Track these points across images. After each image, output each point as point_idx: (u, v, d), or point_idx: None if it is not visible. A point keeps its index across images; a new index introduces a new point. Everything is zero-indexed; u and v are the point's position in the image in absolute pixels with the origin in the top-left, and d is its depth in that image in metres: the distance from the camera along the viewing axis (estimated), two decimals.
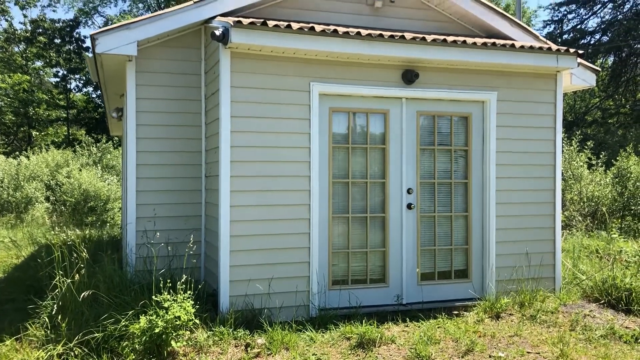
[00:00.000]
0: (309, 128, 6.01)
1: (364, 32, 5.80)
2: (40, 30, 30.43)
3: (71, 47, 31.12)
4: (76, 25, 31.15)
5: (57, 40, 30.84)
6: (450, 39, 6.09)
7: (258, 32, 5.51)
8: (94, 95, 31.98)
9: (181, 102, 6.63)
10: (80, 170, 19.41)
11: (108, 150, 22.94)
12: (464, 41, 6.08)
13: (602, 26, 23.43)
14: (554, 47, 6.47)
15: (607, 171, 14.32)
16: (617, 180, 13.88)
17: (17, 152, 23.41)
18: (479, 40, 6.22)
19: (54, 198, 18.57)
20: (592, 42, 23.51)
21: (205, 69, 6.63)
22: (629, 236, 11.78)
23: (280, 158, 5.92)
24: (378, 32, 5.92)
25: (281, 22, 5.62)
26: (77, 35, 31.26)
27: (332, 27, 5.75)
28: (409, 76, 6.23)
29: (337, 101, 6.20)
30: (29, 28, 30.48)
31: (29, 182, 18.60)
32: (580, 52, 6.51)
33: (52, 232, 13.80)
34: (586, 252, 9.95)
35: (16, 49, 30.28)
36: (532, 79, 6.79)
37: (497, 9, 7.21)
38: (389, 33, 5.93)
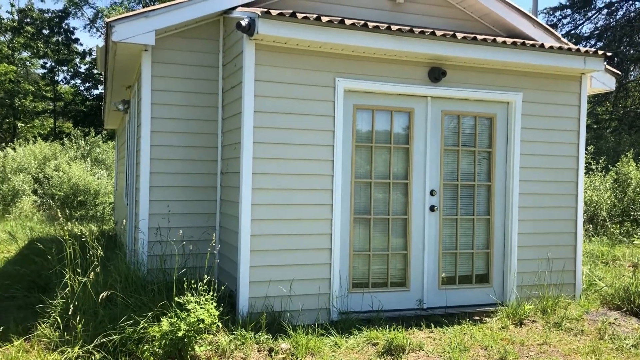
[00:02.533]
0: (333, 125, 5.80)
1: (394, 27, 5.61)
2: (28, 20, 29.82)
3: (60, 38, 30.55)
4: (65, 16, 30.58)
5: (45, 31, 30.24)
6: (480, 37, 5.93)
7: (287, 24, 5.29)
8: (82, 88, 31.44)
9: (197, 95, 6.38)
10: (69, 163, 18.98)
11: (97, 143, 22.50)
12: (494, 39, 5.92)
13: (597, 32, 23.55)
14: (582, 48, 6.34)
15: (606, 176, 14.31)
16: (616, 185, 13.87)
17: (3, 144, 22.84)
18: (508, 40, 6.06)
19: (42, 191, 18.12)
20: (587, 47, 23.58)
21: (224, 62, 6.39)
22: (631, 242, 11.74)
23: (304, 156, 5.70)
24: (408, 27, 5.73)
25: (310, 14, 5.40)
26: (66, 27, 30.72)
27: (361, 21, 5.55)
28: (436, 74, 6.05)
29: (361, 98, 6.00)
30: (17, 18, 29.84)
31: (16, 175, 18.12)
32: (609, 54, 6.38)
33: (50, 226, 13.43)
34: (591, 258, 9.88)
35: (2, 39, 29.62)
36: (557, 81, 6.66)
37: (520, 8, 7.07)
38: (419, 29, 5.74)
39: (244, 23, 5.28)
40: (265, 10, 5.25)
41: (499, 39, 6.00)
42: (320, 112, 5.76)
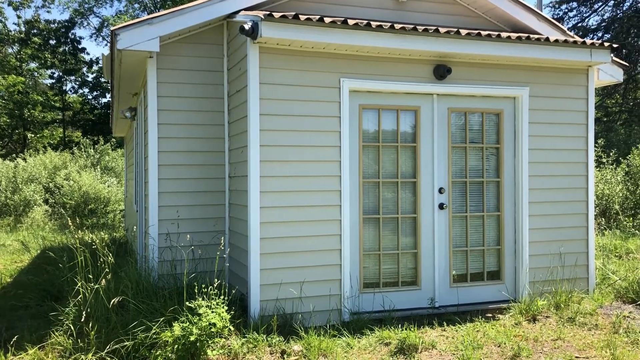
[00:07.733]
0: (339, 126, 5.80)
1: (397, 25, 5.60)
2: (35, 31, 30.04)
3: (66, 48, 30.74)
4: (71, 26, 30.77)
5: (52, 42, 30.46)
6: (484, 32, 5.90)
7: (289, 26, 5.29)
8: (89, 97, 31.63)
9: (203, 100, 6.40)
10: (79, 172, 19.09)
11: (106, 151, 22.60)
12: (499, 35, 5.89)
13: (604, 24, 23.37)
14: (588, 41, 6.29)
15: (618, 169, 14.19)
16: (628, 178, 13.75)
17: (14, 155, 23.01)
18: (513, 35, 6.03)
19: (53, 200, 18.24)
20: (594, 40, 23.41)
21: (229, 66, 6.40)
22: None
23: (311, 157, 5.70)
24: (411, 25, 5.72)
25: (313, 16, 5.40)
26: (73, 36, 30.88)
27: (364, 21, 5.54)
28: (441, 71, 6.03)
29: (366, 98, 5.99)
30: (23, 29, 30.07)
31: (27, 185, 18.25)
32: (615, 45, 6.33)
33: (61, 235, 13.52)
34: (604, 252, 9.79)
35: (10, 50, 29.85)
36: (563, 75, 6.61)
37: (524, 3, 7.03)
38: (423, 26, 5.73)
39: (247, 27, 5.29)
40: (268, 13, 5.26)
41: (504, 34, 5.97)
42: (326, 113, 5.75)
